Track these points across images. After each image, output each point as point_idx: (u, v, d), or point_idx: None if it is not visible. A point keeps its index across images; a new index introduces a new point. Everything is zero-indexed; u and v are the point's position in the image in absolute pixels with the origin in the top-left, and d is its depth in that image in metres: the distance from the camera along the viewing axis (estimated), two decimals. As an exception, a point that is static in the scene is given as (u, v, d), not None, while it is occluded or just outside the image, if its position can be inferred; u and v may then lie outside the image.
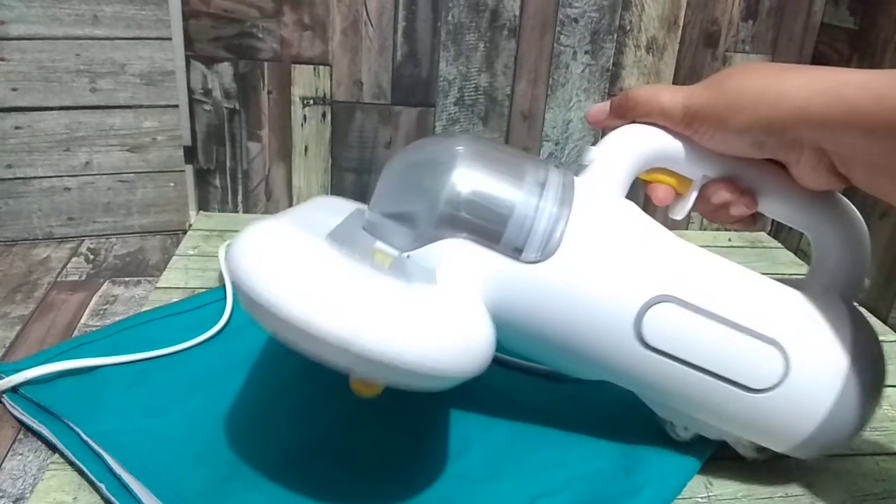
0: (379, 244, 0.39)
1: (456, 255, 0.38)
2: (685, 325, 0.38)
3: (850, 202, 0.42)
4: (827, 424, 0.39)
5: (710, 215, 0.42)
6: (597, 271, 0.38)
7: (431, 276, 0.36)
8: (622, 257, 0.39)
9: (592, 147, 0.41)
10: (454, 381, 0.32)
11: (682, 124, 0.39)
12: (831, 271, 0.42)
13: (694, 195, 0.41)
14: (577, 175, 0.41)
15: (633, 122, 0.41)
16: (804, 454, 0.41)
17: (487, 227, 0.38)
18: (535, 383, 0.51)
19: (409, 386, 0.31)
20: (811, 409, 0.39)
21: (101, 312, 0.57)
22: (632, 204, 0.41)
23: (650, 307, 0.38)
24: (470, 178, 0.38)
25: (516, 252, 0.38)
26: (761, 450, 0.43)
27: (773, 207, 0.41)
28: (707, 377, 0.39)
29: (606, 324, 0.38)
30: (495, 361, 0.52)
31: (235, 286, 0.31)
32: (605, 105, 0.42)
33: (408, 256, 0.38)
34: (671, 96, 0.39)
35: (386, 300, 0.31)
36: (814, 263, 0.43)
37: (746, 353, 0.39)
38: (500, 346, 0.37)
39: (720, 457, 0.44)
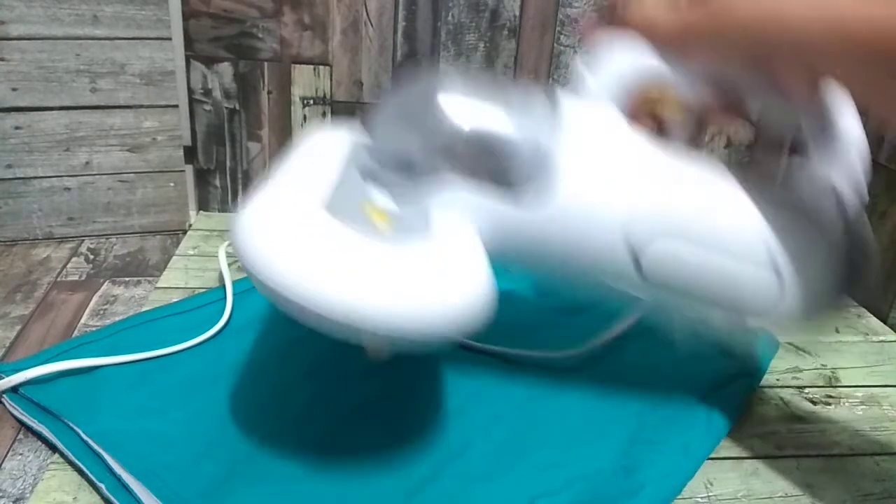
0: (375, 192, 0.38)
1: (451, 197, 0.38)
2: (679, 255, 0.39)
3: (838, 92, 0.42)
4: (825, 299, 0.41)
5: (703, 125, 0.43)
6: (592, 203, 0.38)
7: (428, 225, 0.36)
8: (616, 188, 0.39)
9: (581, 61, 0.40)
10: (459, 336, 0.33)
11: (674, 40, 0.39)
12: (824, 154, 0.42)
13: (690, 119, 0.42)
14: (565, 90, 0.41)
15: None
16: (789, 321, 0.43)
17: (481, 160, 0.38)
18: (537, 374, 0.51)
19: (416, 349, 0.33)
20: (808, 299, 0.41)
21: (101, 312, 0.57)
22: (623, 119, 0.40)
23: (647, 243, 0.39)
24: (461, 111, 0.38)
25: (512, 186, 0.38)
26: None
27: (766, 114, 0.43)
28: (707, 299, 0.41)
29: (605, 257, 0.39)
30: (498, 356, 0.52)
31: (245, 268, 0.33)
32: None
33: (404, 201, 0.38)
34: (665, 10, 0.39)
35: (383, 272, 0.32)
36: (808, 150, 0.43)
37: (742, 277, 0.40)
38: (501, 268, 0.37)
39: (720, 457, 0.44)
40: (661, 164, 0.41)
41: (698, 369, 0.51)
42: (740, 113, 0.41)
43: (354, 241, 0.33)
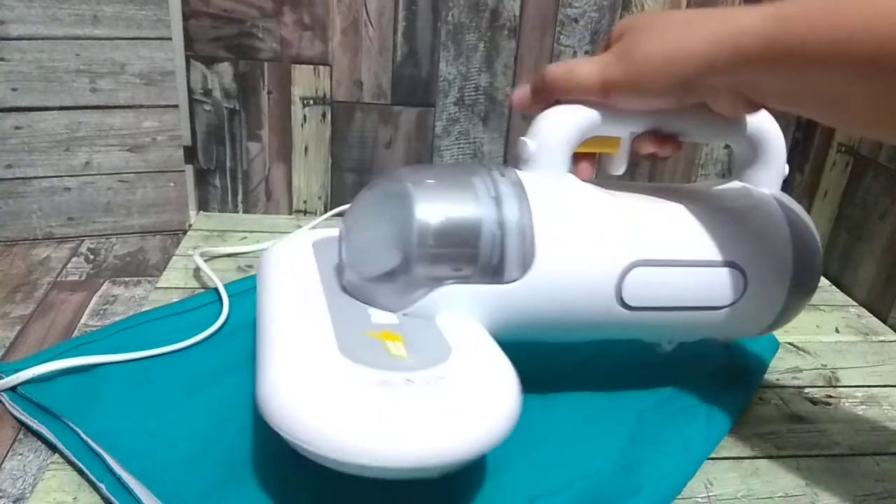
0: (374, 316, 0.39)
1: (444, 295, 0.39)
2: (657, 280, 0.42)
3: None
4: (787, 303, 0.45)
5: (642, 158, 0.45)
6: (573, 266, 0.41)
7: (438, 334, 0.38)
8: (590, 244, 0.41)
9: (526, 139, 0.42)
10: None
11: (601, 95, 0.40)
12: (755, 169, 0.47)
13: (626, 150, 0.44)
14: (520, 170, 0.42)
15: (556, 101, 0.42)
16: (773, 329, 0.48)
17: (459, 252, 0.39)
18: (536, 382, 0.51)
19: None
20: (773, 297, 0.45)
21: (101, 312, 0.57)
22: (577, 180, 0.43)
23: (624, 278, 0.41)
24: (431, 211, 0.39)
25: (498, 274, 0.39)
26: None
27: (698, 137, 0.46)
28: (684, 312, 0.44)
29: (592, 304, 0.42)
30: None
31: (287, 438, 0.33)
32: (524, 89, 0.43)
33: (405, 315, 0.39)
34: (587, 71, 0.40)
35: (416, 415, 0.32)
36: (738, 166, 0.48)
37: (712, 282, 0.43)
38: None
39: (720, 457, 0.44)
40: (619, 203, 0.43)
41: (698, 369, 0.52)
42: (674, 147, 0.44)
43: (389, 389, 0.33)
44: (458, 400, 0.33)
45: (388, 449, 0.31)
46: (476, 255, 0.39)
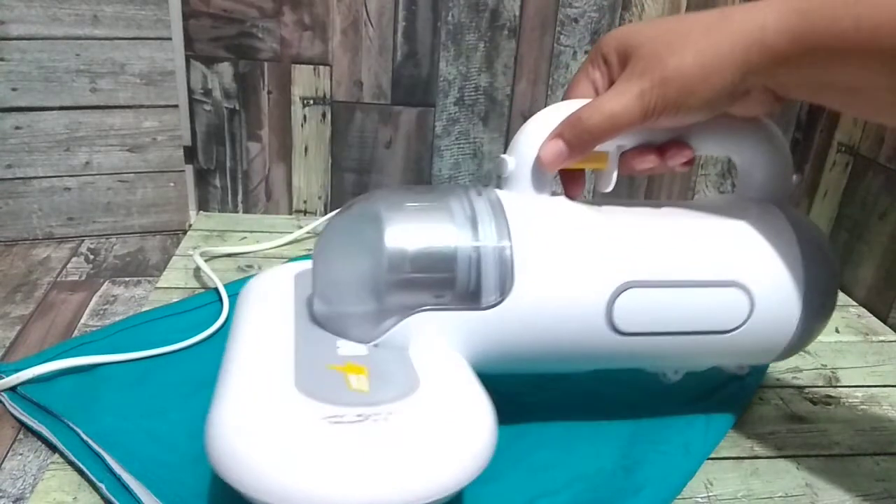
0: (342, 348, 0.37)
1: (417, 323, 0.37)
2: (651, 303, 0.40)
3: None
4: (801, 326, 0.42)
5: (637, 175, 0.43)
6: (557, 290, 0.38)
7: (407, 363, 0.36)
8: (575, 265, 0.39)
9: (506, 156, 0.40)
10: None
11: (640, 125, 0.38)
12: (762, 182, 0.44)
13: (615, 165, 0.41)
14: (499, 188, 0.40)
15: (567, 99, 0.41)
16: (791, 354, 0.44)
17: (438, 278, 0.37)
18: (535, 381, 0.51)
19: None
20: (785, 319, 0.41)
21: (101, 312, 0.57)
22: (562, 198, 0.41)
23: (614, 301, 0.39)
24: (402, 233, 0.37)
25: (475, 299, 0.37)
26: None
27: (699, 150, 0.42)
28: (684, 337, 0.41)
29: (579, 330, 0.39)
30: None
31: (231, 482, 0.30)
32: (558, 146, 0.39)
33: (375, 346, 0.37)
34: (624, 107, 0.37)
35: (382, 454, 0.30)
36: (742, 180, 0.45)
37: (714, 304, 0.40)
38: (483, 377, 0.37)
39: (720, 457, 0.44)
40: (608, 221, 0.41)
41: (698, 369, 0.51)
42: (680, 160, 0.42)
43: (338, 425, 0.30)
44: (414, 438, 0.31)
45: (333, 492, 0.28)
46: (452, 280, 0.37)
